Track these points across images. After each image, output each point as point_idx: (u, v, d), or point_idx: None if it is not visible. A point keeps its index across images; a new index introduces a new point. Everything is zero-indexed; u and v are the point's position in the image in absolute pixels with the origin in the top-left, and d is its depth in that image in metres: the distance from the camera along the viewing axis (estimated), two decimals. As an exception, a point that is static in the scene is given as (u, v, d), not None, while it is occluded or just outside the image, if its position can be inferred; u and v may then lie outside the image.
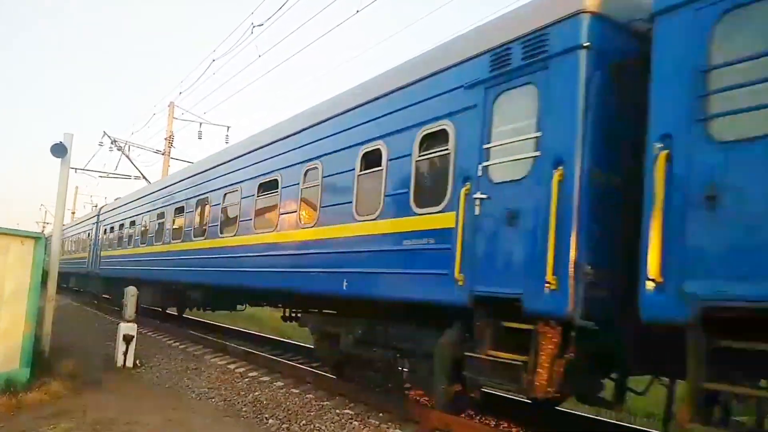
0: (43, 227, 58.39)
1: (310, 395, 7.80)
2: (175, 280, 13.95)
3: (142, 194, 18.76)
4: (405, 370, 6.96)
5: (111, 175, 30.03)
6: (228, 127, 26.64)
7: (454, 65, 6.10)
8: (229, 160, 11.72)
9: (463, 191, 5.65)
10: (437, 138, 6.19)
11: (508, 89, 5.40)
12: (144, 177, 27.34)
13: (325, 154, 8.18)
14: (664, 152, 4.02)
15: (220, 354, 11.35)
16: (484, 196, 5.45)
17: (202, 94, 35.19)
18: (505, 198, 5.27)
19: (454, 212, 5.73)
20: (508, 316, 5.16)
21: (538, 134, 5.02)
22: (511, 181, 5.26)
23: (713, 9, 3.89)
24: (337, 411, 6.97)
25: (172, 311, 18.61)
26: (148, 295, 15.90)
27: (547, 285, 4.72)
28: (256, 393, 8.04)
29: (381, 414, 6.83)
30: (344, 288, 7.26)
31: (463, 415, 6.40)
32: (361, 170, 7.37)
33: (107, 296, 23.23)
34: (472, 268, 5.47)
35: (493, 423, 6.06)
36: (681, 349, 3.89)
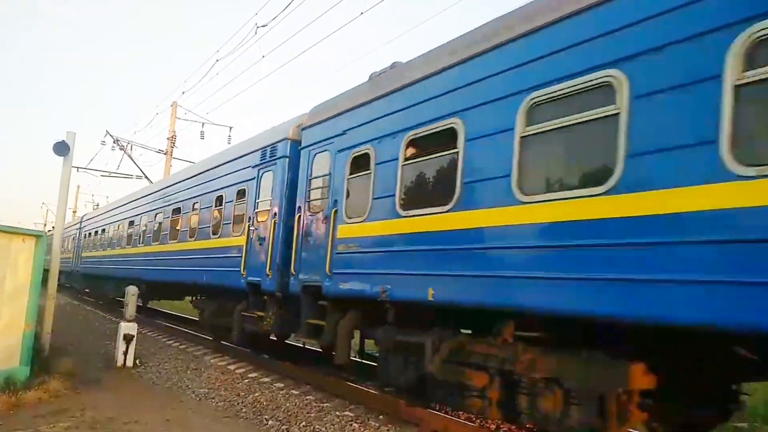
0: (44, 226, 60.88)
1: (310, 397, 7.96)
2: (126, 277, 18.61)
3: (108, 208, 23.53)
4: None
5: (113, 175, 30.23)
6: (230, 128, 28.07)
7: (251, 152, 10.79)
8: (158, 190, 16.52)
9: (248, 224, 10.30)
10: (243, 193, 10.86)
11: (265, 171, 10.08)
12: (146, 176, 27.85)
13: (201, 194, 12.91)
14: (299, 215, 8.69)
15: (220, 354, 11.62)
16: (253, 228, 10.11)
17: (205, 94, 37.69)
18: (260, 230, 9.93)
19: (245, 236, 10.38)
20: (260, 292, 9.81)
21: (271, 198, 9.68)
22: (262, 221, 9.92)
23: (313, 151, 8.57)
24: (337, 413, 7.08)
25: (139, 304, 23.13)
26: (111, 288, 20.68)
27: (268, 276, 9.37)
28: (256, 394, 8.18)
29: (381, 416, 6.96)
30: (204, 279, 11.94)
31: (462, 418, 6.62)
32: (215, 206, 12.05)
33: (87, 290, 27.97)
34: (248, 268, 10.12)
35: (492, 426, 6.03)
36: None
